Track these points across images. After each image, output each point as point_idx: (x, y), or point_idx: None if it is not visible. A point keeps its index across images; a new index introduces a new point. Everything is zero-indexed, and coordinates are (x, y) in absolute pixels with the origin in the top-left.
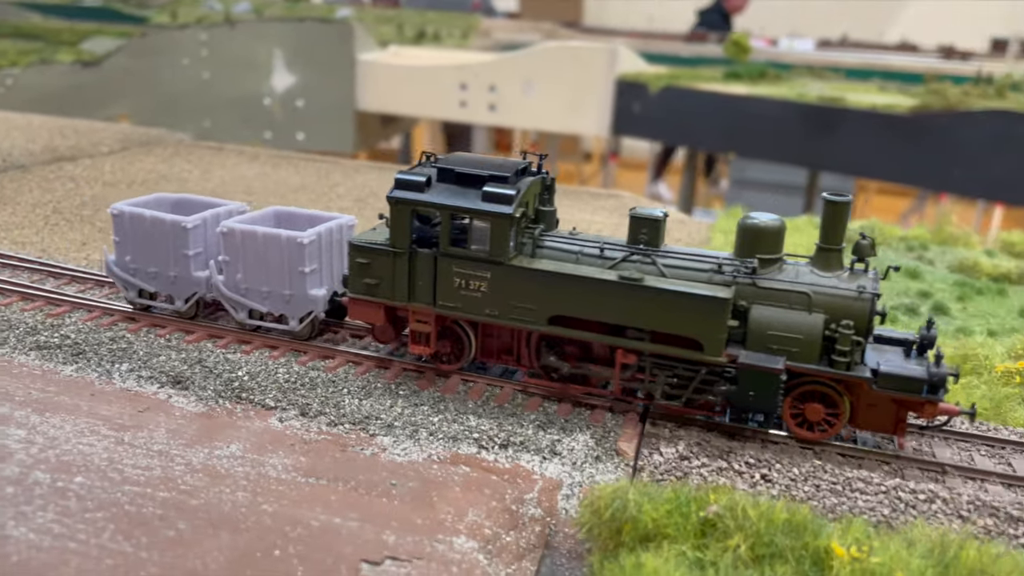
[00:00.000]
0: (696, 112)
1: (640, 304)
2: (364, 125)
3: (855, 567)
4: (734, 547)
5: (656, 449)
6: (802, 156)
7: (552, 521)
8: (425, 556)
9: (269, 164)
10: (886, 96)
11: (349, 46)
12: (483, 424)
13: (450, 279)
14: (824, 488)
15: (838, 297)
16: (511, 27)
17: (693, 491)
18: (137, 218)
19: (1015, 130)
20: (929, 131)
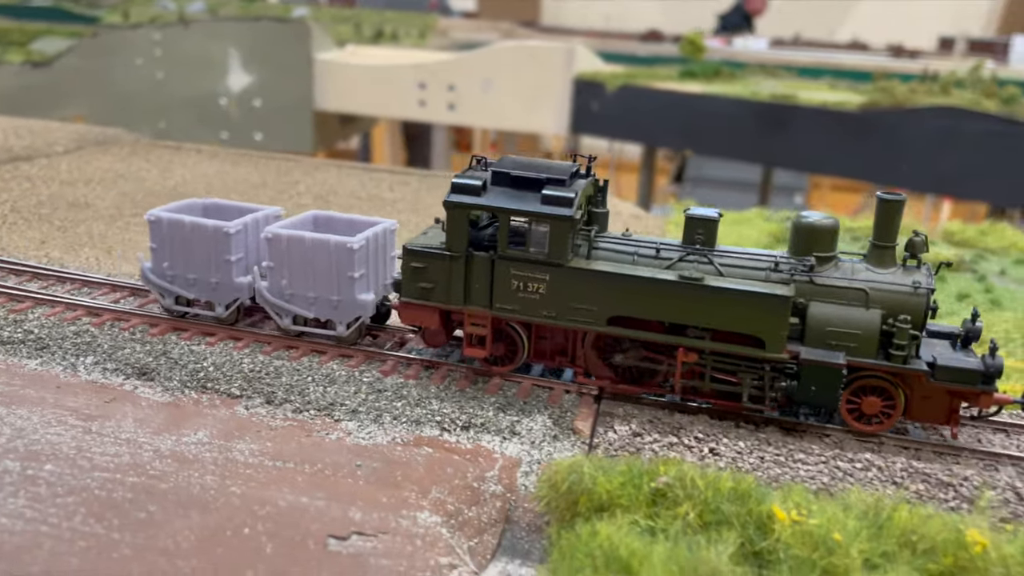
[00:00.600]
0: (653, 111)
1: (701, 303)
2: (322, 125)
3: (795, 529)
4: (683, 515)
5: (610, 427)
6: (756, 153)
7: (512, 497)
8: (390, 531)
9: (228, 162)
10: (836, 94)
11: (306, 45)
12: (445, 408)
13: (508, 281)
14: (768, 460)
15: (895, 293)
16: (469, 26)
17: (645, 464)
18: (176, 224)
19: (959, 126)
20: (877, 127)
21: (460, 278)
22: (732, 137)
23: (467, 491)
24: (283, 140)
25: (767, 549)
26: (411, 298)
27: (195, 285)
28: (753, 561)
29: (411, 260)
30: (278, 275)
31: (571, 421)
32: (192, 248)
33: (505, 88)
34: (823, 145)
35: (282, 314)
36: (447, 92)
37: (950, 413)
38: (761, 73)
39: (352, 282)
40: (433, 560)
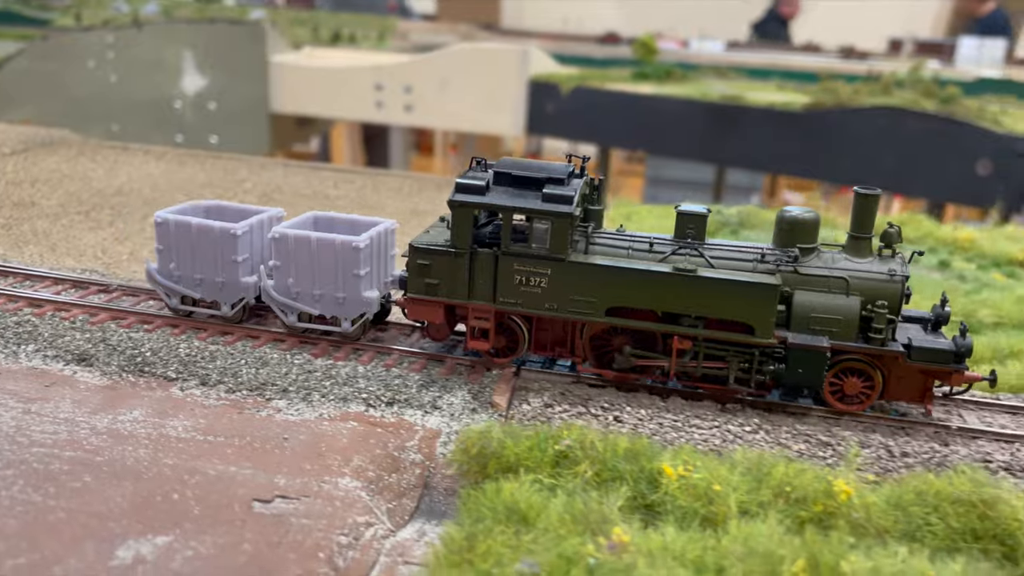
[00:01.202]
0: (606, 111)
1: (694, 293)
2: (279, 127)
3: (681, 483)
4: (583, 473)
5: (525, 400)
6: (707, 153)
7: (431, 464)
8: (312, 494)
9: (175, 162)
10: (784, 94)
11: (261, 47)
12: (372, 386)
13: (511, 276)
14: (666, 425)
15: (872, 280)
16: (428, 29)
17: (551, 430)
18: (183, 226)
19: (899, 125)
20: (822, 127)
21: (464, 274)
22: (683, 137)
23: (388, 460)
24: (238, 142)
25: (656, 501)
26: (417, 294)
27: (201, 285)
28: (644, 512)
29: (417, 257)
30: (284, 274)
31: (489, 395)
32: (199, 249)
33: (461, 90)
34: (771, 145)
35: (288, 312)
36: (404, 94)
37: (924, 391)
38: (712, 74)
39: (358, 280)
40: (351, 519)
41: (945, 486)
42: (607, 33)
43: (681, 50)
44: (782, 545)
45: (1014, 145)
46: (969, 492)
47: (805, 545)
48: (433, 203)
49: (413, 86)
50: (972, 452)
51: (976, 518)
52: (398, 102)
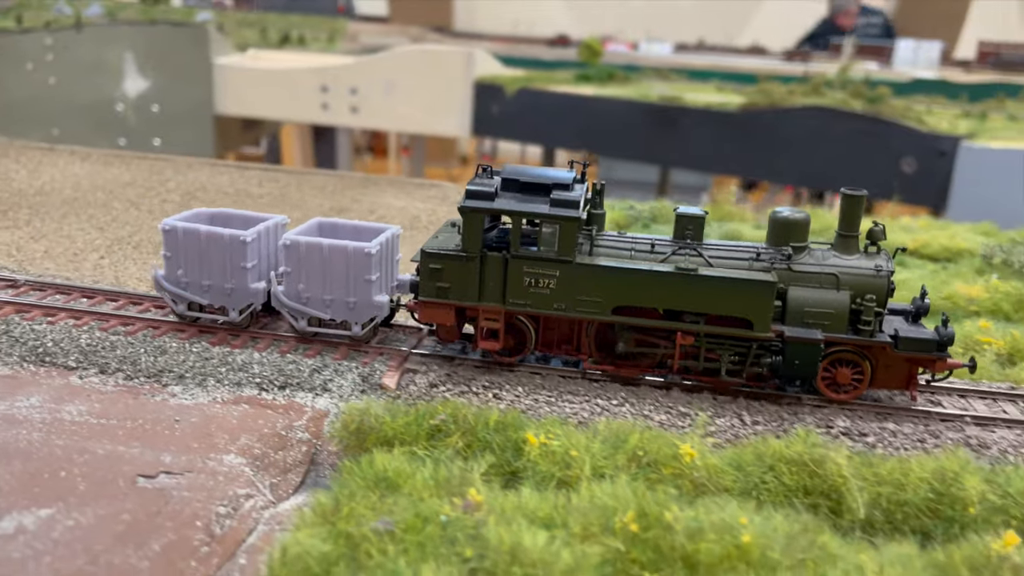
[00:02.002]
0: (550, 113)
1: (696, 291)
2: (224, 129)
3: (542, 450)
4: (454, 444)
5: (412, 381)
6: (647, 153)
7: (318, 443)
8: (196, 470)
9: (100, 163)
10: (722, 95)
11: (204, 50)
12: (266, 371)
13: (520, 278)
14: (541, 400)
15: (860, 276)
16: (379, 31)
17: (429, 407)
18: (191, 233)
19: (828, 124)
20: (756, 127)
21: (475, 277)
22: (625, 138)
23: (275, 438)
24: (183, 145)
25: (520, 468)
26: (429, 297)
27: (209, 291)
28: (509, 477)
29: (428, 262)
30: (295, 279)
31: (379, 378)
32: (207, 256)
33: (407, 91)
34: (709, 144)
35: (298, 316)
36: (349, 95)
37: (909, 379)
38: (655, 76)
39: (369, 285)
40: (232, 492)
41: (782, 448)
42: (558, 36)
43: (630, 52)
44: (617, 500)
45: (936, 143)
46: (801, 453)
47: (635, 498)
48: (356, 201)
49: (359, 88)
50: (816, 419)
51: (807, 476)
52: (344, 104)
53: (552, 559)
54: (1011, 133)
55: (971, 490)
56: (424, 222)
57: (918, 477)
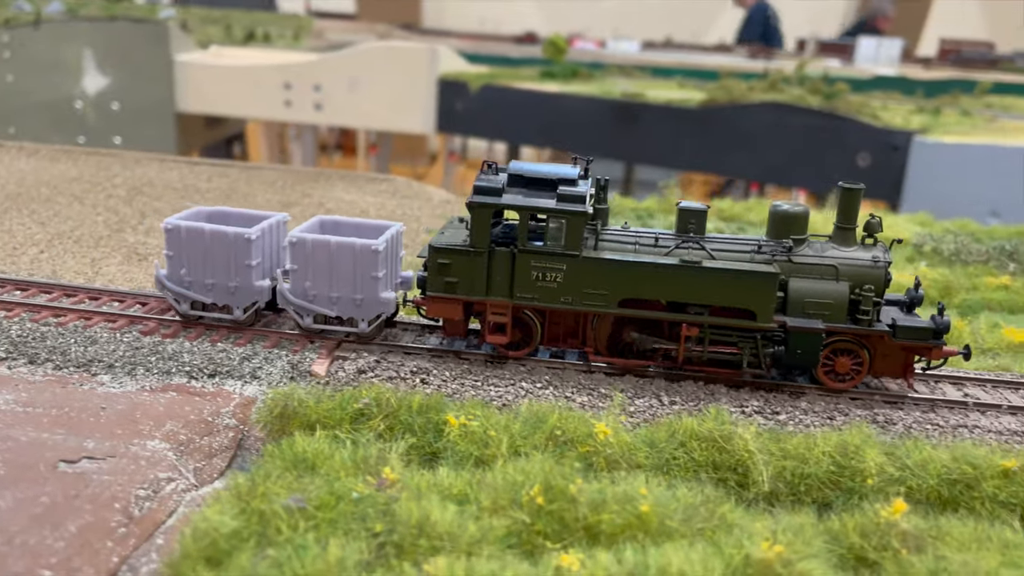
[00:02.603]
0: (514, 110)
1: (701, 283)
2: (186, 127)
3: (462, 431)
4: (376, 427)
5: (341, 368)
6: (611, 149)
7: (245, 428)
8: (118, 455)
9: (47, 159)
10: (683, 92)
11: (165, 47)
12: (196, 359)
13: (527, 272)
14: (467, 385)
15: (859, 267)
16: (346, 28)
17: (353, 392)
18: (195, 232)
19: (784, 120)
20: (715, 122)
21: (483, 272)
22: (588, 134)
23: (201, 424)
24: (144, 143)
25: (441, 448)
26: (437, 292)
27: (213, 290)
28: (429, 458)
29: (437, 257)
30: (301, 277)
31: (308, 365)
32: (211, 254)
33: (371, 88)
34: (670, 140)
35: (303, 314)
36: (313, 92)
37: (906, 367)
38: (618, 73)
39: (376, 282)
40: (153, 475)
41: (694, 425)
42: (526, 33)
43: (598, 50)
44: (526, 475)
45: (890, 138)
46: (712, 430)
47: (542, 473)
48: (306, 195)
49: (322, 85)
50: (732, 399)
51: (716, 451)
52: (307, 101)
53: (459, 532)
54: (963, 128)
55: (871, 462)
56: (373, 215)
57: (821, 451)
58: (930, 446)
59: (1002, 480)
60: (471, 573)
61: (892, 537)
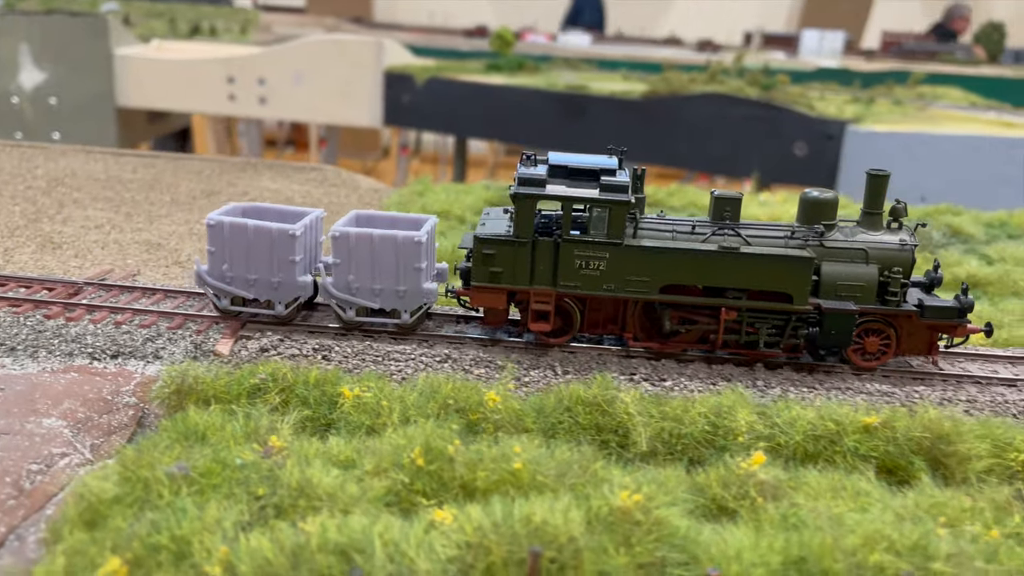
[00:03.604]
0: (460, 102)
1: (739, 268)
2: (128, 122)
3: (356, 402)
4: (272, 400)
5: (244, 347)
6: (555, 141)
7: (145, 406)
8: (12, 432)
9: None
10: (626, 84)
11: (104, 41)
12: (99, 342)
13: (571, 261)
14: (368, 360)
15: (887, 250)
16: (293, 22)
17: (251, 368)
18: (238, 228)
19: (725, 111)
20: (658, 113)
21: (527, 261)
22: (534, 126)
23: (100, 403)
24: (84, 139)
25: (335, 419)
26: (482, 282)
27: (255, 285)
28: (324, 429)
29: (482, 247)
30: (344, 271)
31: (213, 345)
32: (254, 250)
33: (317, 81)
34: (614, 131)
35: (346, 307)
36: (257, 86)
37: (931, 345)
38: (564, 66)
39: (418, 273)
40: (47, 451)
41: (580, 392)
42: (476, 27)
43: (549, 43)
44: (408, 439)
45: (824, 128)
46: (596, 395)
47: (422, 435)
48: (231, 184)
49: (266, 78)
50: (622, 368)
51: (599, 415)
52: (251, 95)
53: (339, 493)
54: (895, 117)
55: (742, 422)
56: (297, 204)
57: (698, 413)
58: (799, 406)
59: (863, 435)
60: (344, 528)
61: (750, 487)
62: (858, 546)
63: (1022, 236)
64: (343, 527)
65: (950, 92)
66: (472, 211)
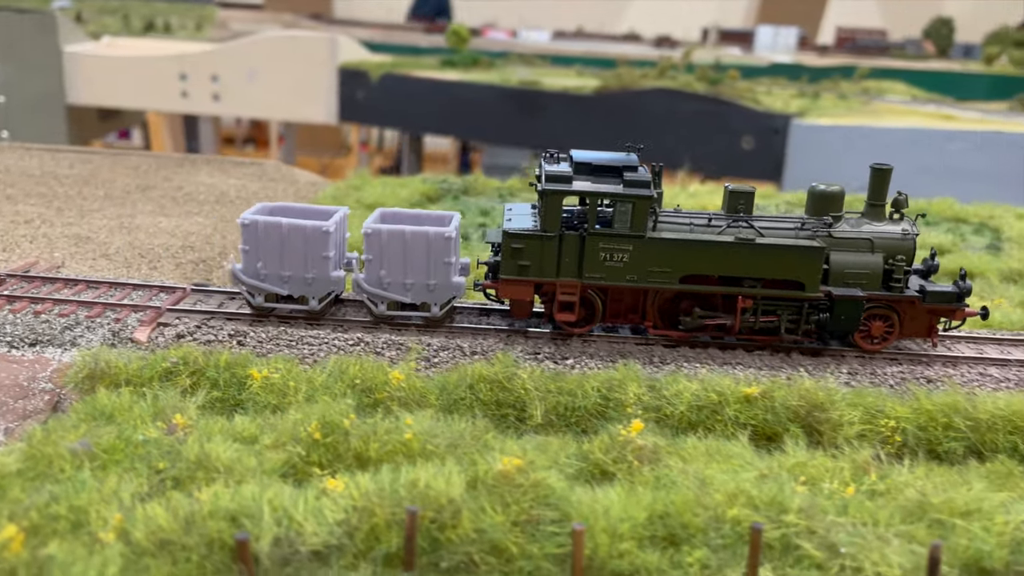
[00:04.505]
0: (414, 98)
1: (754, 258)
2: (79, 119)
3: (264, 383)
4: (183, 383)
5: (162, 333)
6: (509, 136)
7: (61, 392)
8: None
9: None
10: (580, 79)
11: (52, 38)
12: (17, 330)
13: (596, 254)
14: (282, 344)
15: (891, 240)
16: (250, 18)
17: (164, 352)
18: (272, 226)
19: (675, 105)
20: (610, 109)
21: (553, 254)
22: (489, 121)
23: (16, 389)
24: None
25: (244, 399)
26: (510, 275)
27: (289, 282)
28: (233, 408)
29: (512, 242)
30: (376, 266)
31: (131, 332)
32: (288, 247)
33: (271, 78)
34: (567, 126)
35: (378, 301)
36: (210, 83)
37: (930, 328)
38: (519, 62)
39: (448, 267)
40: None
41: (482, 370)
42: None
43: (510, 40)
44: (307, 415)
45: (770, 122)
46: (497, 373)
47: (318, 410)
48: (167, 179)
49: (220, 75)
50: (528, 347)
51: (499, 391)
52: (204, 91)
53: (237, 465)
54: (839, 111)
55: (631, 394)
56: (232, 197)
57: (591, 387)
58: (685, 379)
59: (743, 405)
60: (236, 495)
61: (628, 452)
62: (720, 502)
63: (937, 223)
64: (235, 495)
65: (895, 86)
66: (407, 203)
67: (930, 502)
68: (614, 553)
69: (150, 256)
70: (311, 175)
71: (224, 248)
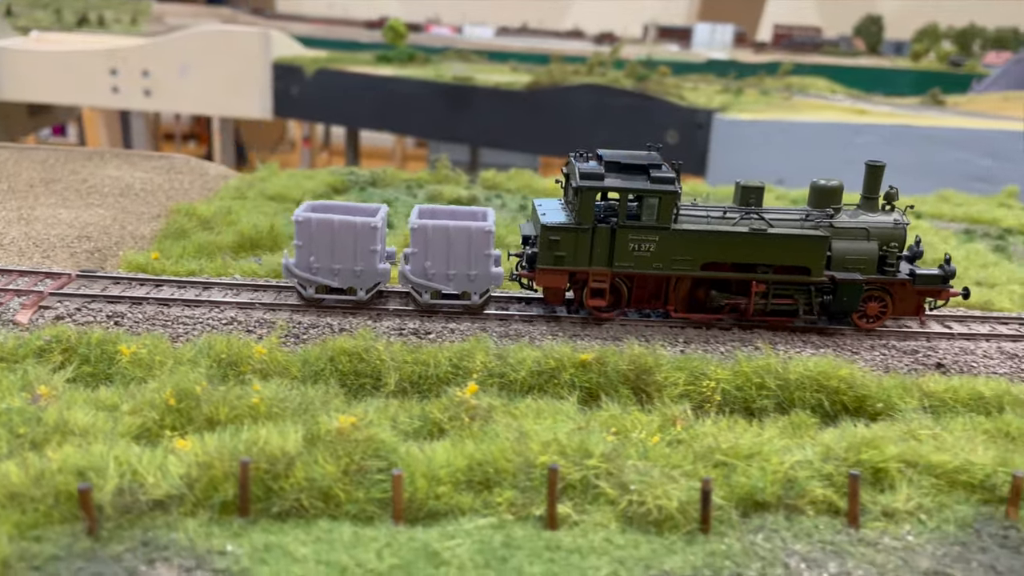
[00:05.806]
0: (349, 93)
1: (766, 246)
2: (6, 115)
3: (132, 358)
4: (55, 360)
5: (42, 316)
6: (442, 130)
7: None
8: None
9: None
10: (513, 75)
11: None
12: None
13: (625, 244)
14: (158, 324)
15: (884, 229)
16: (188, 12)
17: (39, 333)
18: (324, 223)
19: (603, 101)
20: (541, 104)
21: (587, 245)
22: (423, 117)
23: None
24: None
25: (113, 373)
26: (547, 265)
27: (339, 274)
28: (103, 381)
29: (549, 234)
30: (421, 258)
31: (12, 315)
32: (338, 242)
33: (204, 73)
34: (502, 123)
35: (422, 291)
36: (142, 78)
37: (918, 308)
38: (456, 57)
39: (488, 259)
40: None
41: (343, 344)
42: (380, 18)
43: (453, 36)
44: (164, 384)
45: (694, 117)
46: (356, 346)
47: (174, 379)
48: (74, 173)
49: (151, 70)
50: (394, 323)
51: (358, 362)
52: (136, 87)
53: (93, 429)
54: (760, 106)
55: (478, 363)
56: (136, 190)
57: (444, 357)
58: (529, 348)
59: (579, 369)
60: (87, 454)
61: (462, 411)
62: (535, 451)
63: None
64: (85, 454)
65: (816, 82)
66: (312, 195)
67: (720, 447)
68: (431, 495)
69: (44, 246)
70: (222, 168)
71: (122, 238)
